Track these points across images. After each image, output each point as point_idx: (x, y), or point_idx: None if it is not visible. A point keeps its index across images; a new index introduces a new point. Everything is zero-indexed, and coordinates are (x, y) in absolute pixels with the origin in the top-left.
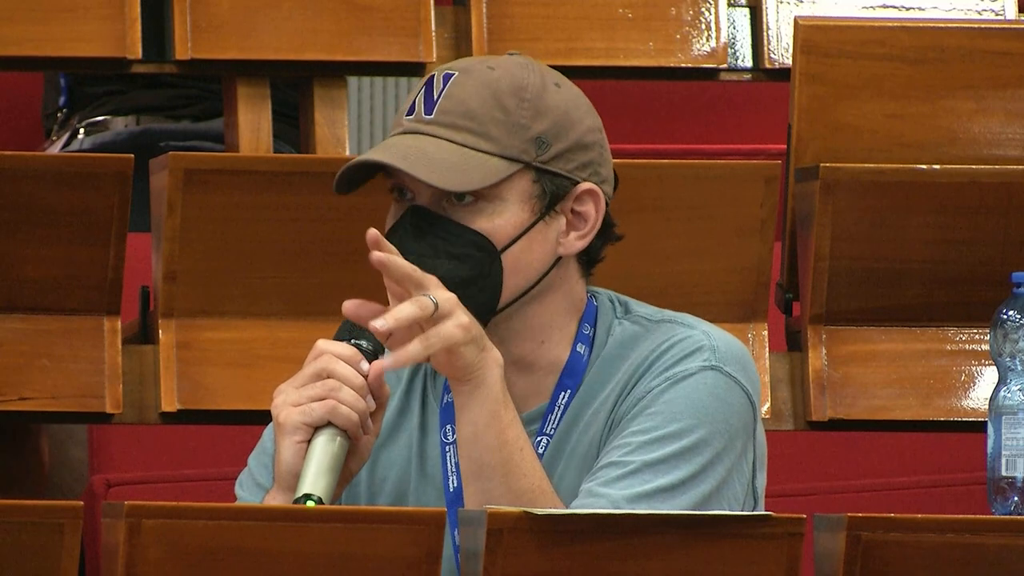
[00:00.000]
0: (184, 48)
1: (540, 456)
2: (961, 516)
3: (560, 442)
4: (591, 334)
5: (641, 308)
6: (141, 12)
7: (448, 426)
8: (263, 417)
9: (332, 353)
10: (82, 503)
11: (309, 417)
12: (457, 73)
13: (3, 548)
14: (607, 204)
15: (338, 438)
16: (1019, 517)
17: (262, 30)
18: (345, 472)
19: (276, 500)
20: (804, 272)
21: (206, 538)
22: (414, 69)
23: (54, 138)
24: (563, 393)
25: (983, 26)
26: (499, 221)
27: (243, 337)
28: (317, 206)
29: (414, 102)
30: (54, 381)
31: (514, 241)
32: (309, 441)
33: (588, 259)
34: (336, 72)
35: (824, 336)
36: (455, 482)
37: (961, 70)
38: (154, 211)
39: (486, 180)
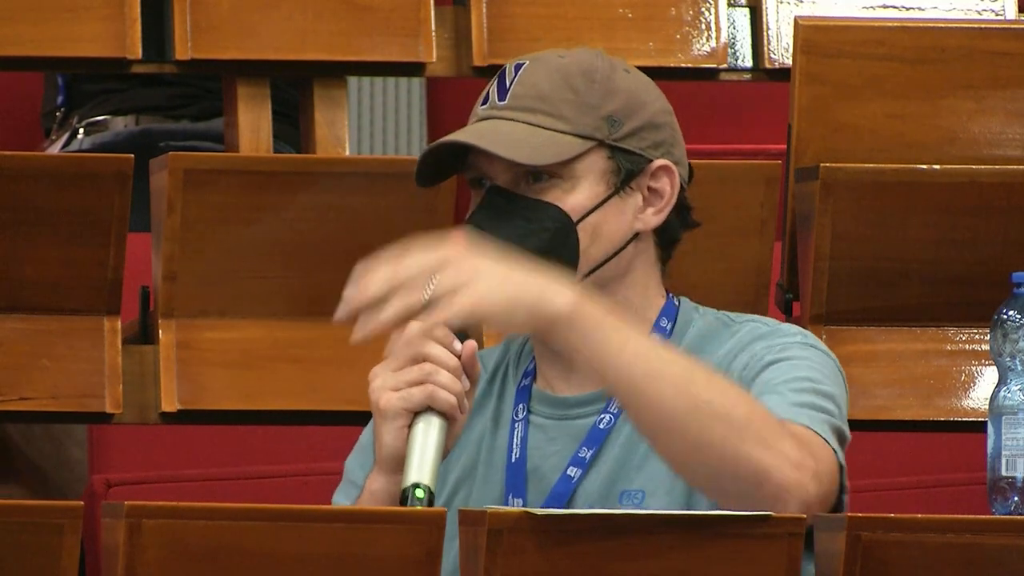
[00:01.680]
0: (184, 48)
1: (604, 432)
2: (961, 516)
3: (630, 425)
4: (669, 328)
5: (716, 311)
6: (141, 12)
7: (521, 404)
8: (263, 417)
9: (425, 334)
10: (82, 503)
11: (409, 403)
12: (528, 62)
13: (3, 548)
14: (683, 186)
15: (437, 421)
16: (1019, 517)
17: (262, 30)
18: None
19: (378, 482)
20: (804, 272)
21: (206, 538)
22: (414, 69)
23: (53, 137)
24: None
25: (983, 26)
26: (576, 196)
27: (243, 337)
28: (317, 206)
29: (487, 93)
30: (54, 381)
31: (590, 212)
32: (410, 425)
33: (666, 240)
34: (336, 72)
35: (824, 336)
36: (518, 453)
37: (961, 70)
38: (154, 211)
39: (561, 155)
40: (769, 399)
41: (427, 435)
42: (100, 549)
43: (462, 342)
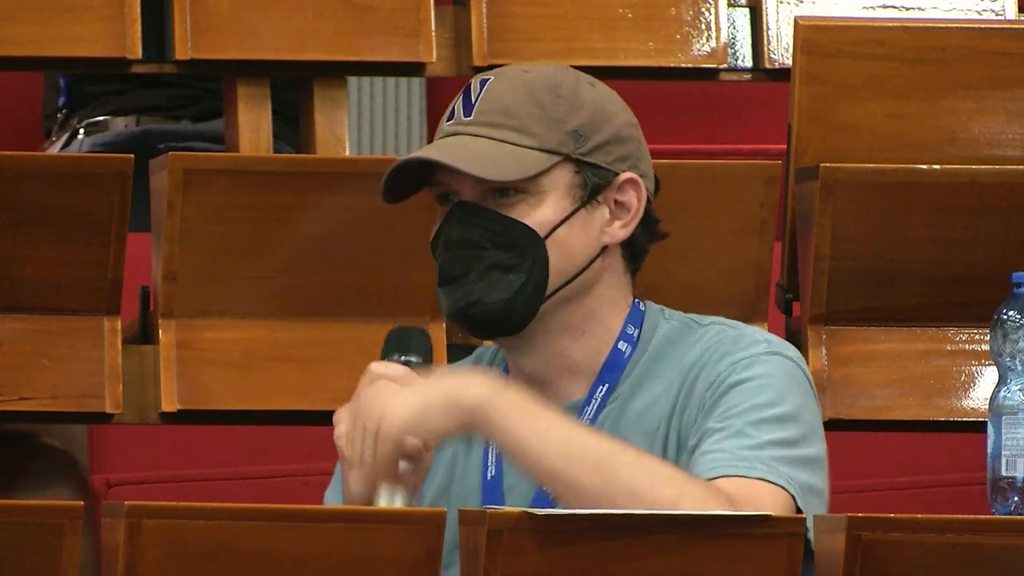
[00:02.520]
0: (184, 48)
1: None
2: (961, 516)
3: (601, 427)
4: (635, 334)
5: (685, 315)
6: (141, 12)
7: None
8: (263, 417)
9: (388, 378)
10: (82, 503)
11: None
12: (492, 78)
13: (3, 548)
14: (649, 198)
15: (403, 463)
16: (1019, 517)
17: (262, 30)
18: (413, 488)
19: None
20: (804, 272)
21: (206, 538)
22: (414, 69)
23: (54, 138)
24: (601, 387)
25: (983, 26)
26: (542, 211)
27: (243, 337)
28: (317, 206)
29: (453, 108)
30: (54, 381)
31: (557, 227)
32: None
33: (633, 252)
34: (336, 72)
35: (824, 336)
36: (493, 471)
37: (961, 70)
38: (154, 211)
39: (527, 171)
40: (717, 456)
41: (392, 493)
42: (100, 549)
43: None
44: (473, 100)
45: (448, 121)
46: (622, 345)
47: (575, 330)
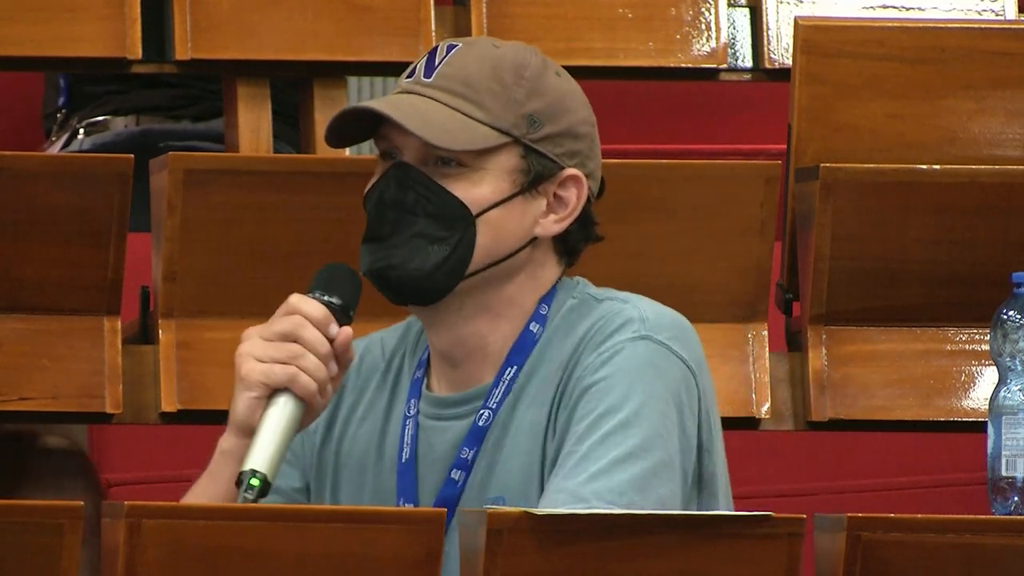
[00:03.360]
0: (184, 48)
1: (484, 429)
2: (961, 516)
3: (505, 418)
4: (547, 313)
5: (594, 289)
6: (141, 12)
7: (412, 400)
8: None
9: (303, 313)
10: (82, 503)
11: (269, 379)
12: (461, 45)
13: (3, 548)
14: (589, 199)
15: (292, 404)
16: (1019, 517)
17: (262, 30)
18: (296, 428)
19: (228, 442)
20: (804, 272)
21: (206, 538)
22: None
23: (54, 138)
24: (509, 369)
25: (983, 26)
26: (480, 189)
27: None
28: (317, 206)
29: (415, 67)
30: (54, 381)
31: (491, 208)
32: (268, 397)
33: (565, 248)
34: (336, 72)
35: (824, 336)
36: (408, 454)
37: (961, 70)
38: (154, 211)
39: (474, 144)
40: (559, 498)
41: (279, 420)
42: (100, 549)
43: (341, 324)
44: (436, 63)
45: (407, 78)
46: (533, 326)
47: (491, 313)
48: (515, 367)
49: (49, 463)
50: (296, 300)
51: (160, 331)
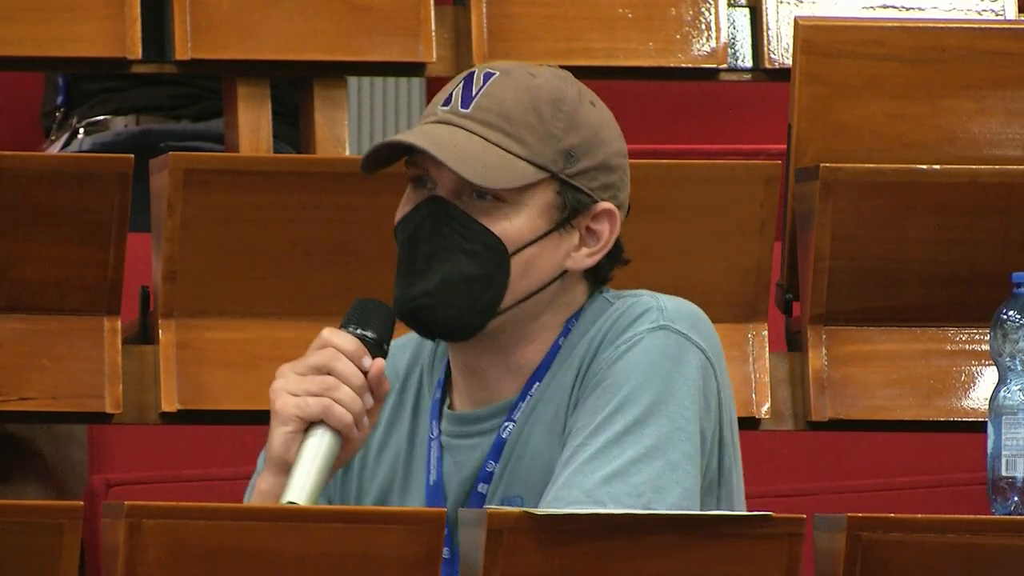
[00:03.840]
0: (184, 48)
1: (504, 441)
2: (961, 516)
3: (524, 422)
4: (573, 328)
5: (611, 292)
6: (141, 12)
7: (434, 422)
8: (263, 417)
9: (336, 347)
10: (82, 503)
11: (304, 412)
12: (498, 73)
13: (3, 548)
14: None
15: (329, 436)
16: (1019, 517)
17: (262, 30)
18: (336, 463)
19: (267, 482)
20: (804, 272)
21: (206, 538)
22: (414, 69)
23: (53, 137)
24: (535, 384)
25: (983, 26)
26: (516, 225)
27: (243, 337)
28: (317, 206)
29: (451, 94)
30: (54, 381)
31: (526, 246)
32: (304, 431)
33: (595, 277)
34: (336, 72)
35: (824, 336)
36: (435, 475)
37: (961, 70)
38: (154, 211)
39: (513, 182)
40: (573, 494)
41: (316, 452)
42: (100, 549)
43: (375, 357)
44: (473, 93)
45: (443, 106)
46: (561, 340)
47: (523, 339)
48: (539, 381)
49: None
50: (328, 334)
51: (160, 331)
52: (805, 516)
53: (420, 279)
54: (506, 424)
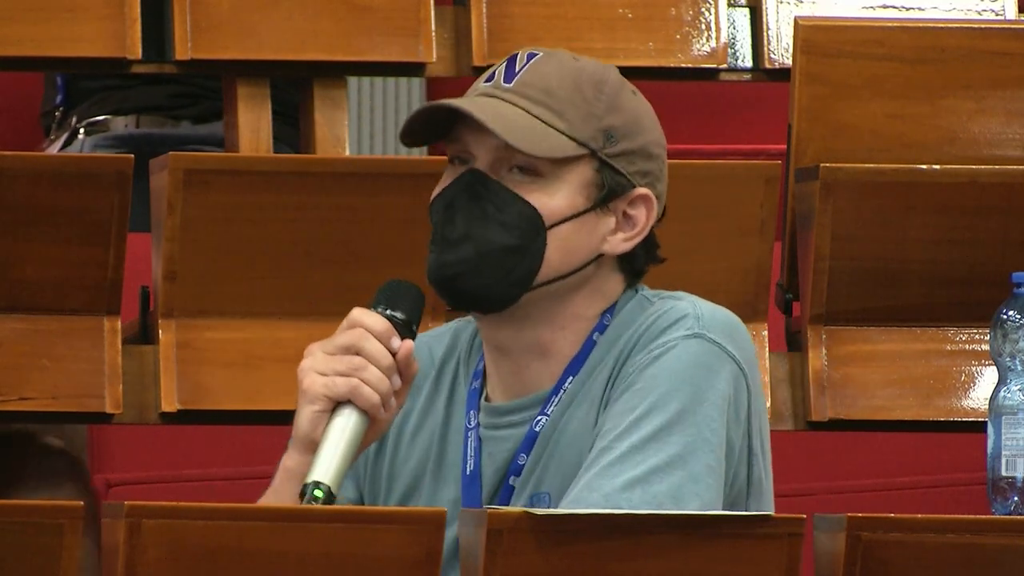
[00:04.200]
0: (184, 48)
1: (537, 434)
2: (961, 516)
3: (557, 420)
4: (608, 323)
5: (650, 291)
6: (141, 12)
7: (472, 411)
8: (263, 417)
9: (365, 327)
10: (82, 503)
11: (331, 391)
12: (542, 54)
13: (3, 548)
14: (657, 220)
15: (356, 417)
16: (1019, 517)
17: (262, 30)
18: (362, 443)
19: (292, 459)
20: (804, 272)
21: (206, 538)
22: (414, 69)
23: (52, 137)
24: (570, 378)
25: (983, 26)
26: (554, 200)
27: (243, 337)
28: (317, 206)
29: (494, 72)
30: (54, 381)
31: (563, 221)
32: (332, 412)
33: (630, 268)
34: (336, 72)
35: (824, 336)
36: (472, 465)
37: (961, 70)
38: (154, 211)
39: (554, 152)
40: (593, 498)
41: (343, 431)
42: (100, 549)
43: (403, 338)
44: (517, 69)
45: (486, 82)
46: (595, 336)
47: (555, 324)
48: (573, 376)
49: (38, 464)
50: (358, 313)
51: (160, 331)
52: (805, 516)
53: (455, 248)
54: (539, 418)
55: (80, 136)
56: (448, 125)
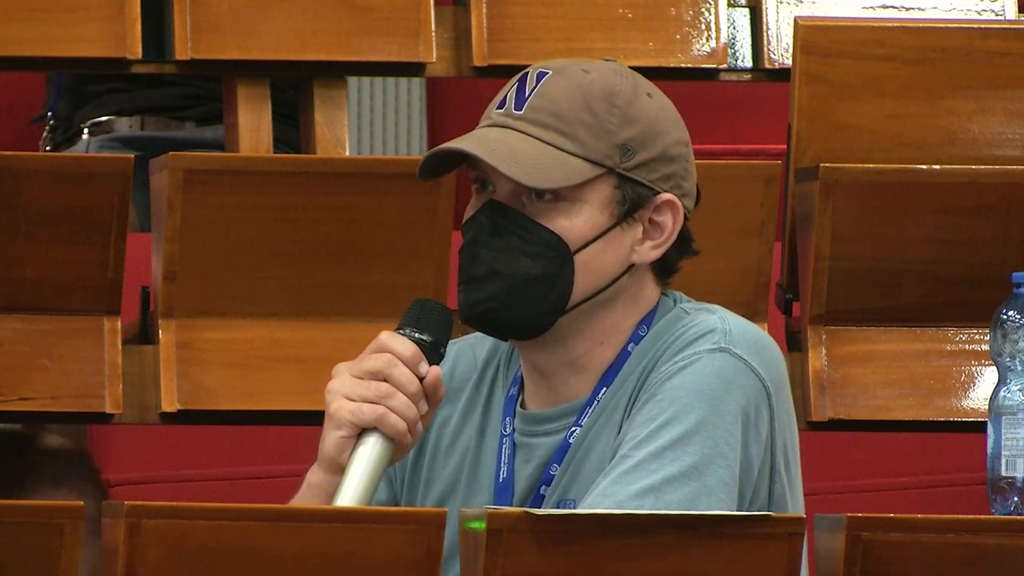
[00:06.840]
0: (184, 48)
1: (570, 445)
2: (961, 516)
3: (587, 430)
4: (645, 334)
5: (688, 303)
6: (141, 12)
7: (507, 418)
8: (263, 417)
9: (393, 352)
10: (82, 503)
11: (358, 419)
12: (551, 72)
13: (3, 548)
14: (686, 217)
15: (381, 444)
16: (1019, 517)
17: (262, 30)
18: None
19: (316, 476)
20: (804, 272)
21: (206, 538)
22: (414, 69)
23: (54, 137)
24: (604, 389)
25: (983, 26)
26: (576, 222)
27: (243, 337)
28: (317, 206)
29: (505, 96)
30: (54, 381)
31: (588, 243)
32: (358, 436)
33: (663, 269)
34: (336, 72)
35: (824, 336)
36: (505, 473)
37: (961, 70)
38: (154, 211)
39: (568, 180)
40: (608, 504)
41: (368, 459)
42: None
43: (431, 362)
44: (527, 94)
45: (498, 109)
46: (631, 346)
47: (592, 340)
48: (607, 386)
49: (51, 464)
50: (386, 338)
51: (160, 331)
52: (805, 516)
53: (482, 285)
54: (573, 428)
55: (84, 137)
56: (464, 155)
